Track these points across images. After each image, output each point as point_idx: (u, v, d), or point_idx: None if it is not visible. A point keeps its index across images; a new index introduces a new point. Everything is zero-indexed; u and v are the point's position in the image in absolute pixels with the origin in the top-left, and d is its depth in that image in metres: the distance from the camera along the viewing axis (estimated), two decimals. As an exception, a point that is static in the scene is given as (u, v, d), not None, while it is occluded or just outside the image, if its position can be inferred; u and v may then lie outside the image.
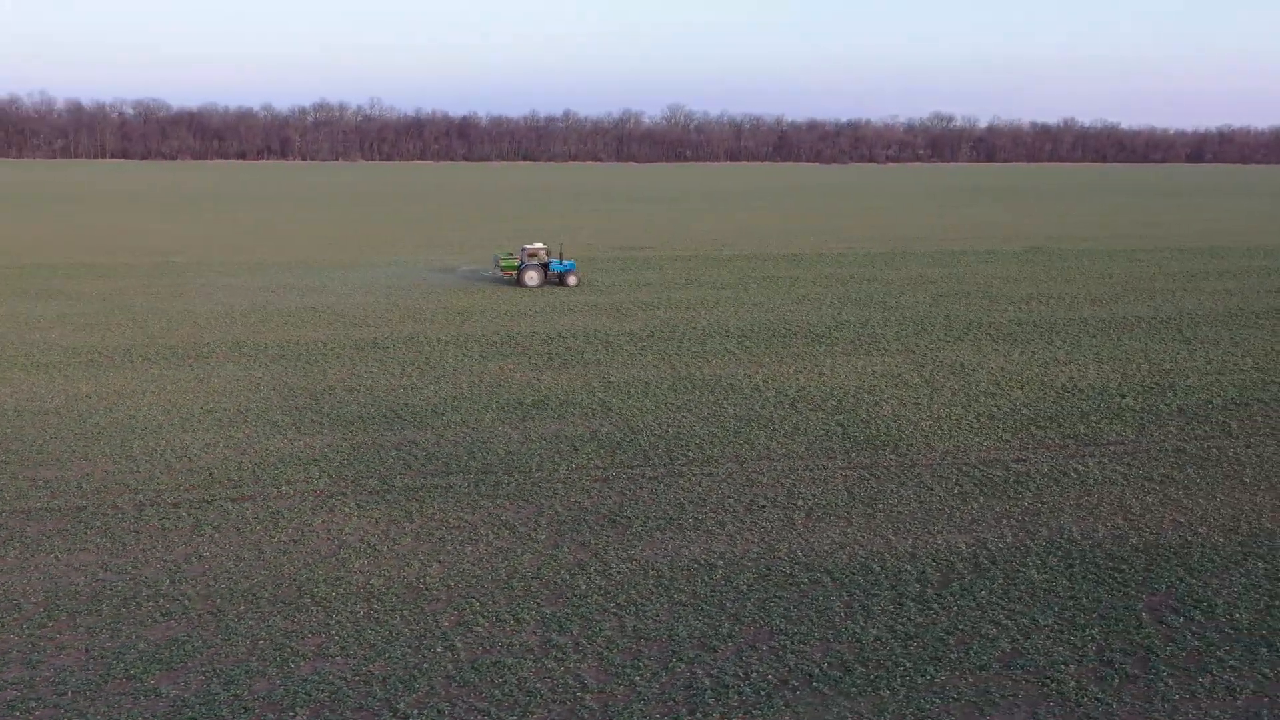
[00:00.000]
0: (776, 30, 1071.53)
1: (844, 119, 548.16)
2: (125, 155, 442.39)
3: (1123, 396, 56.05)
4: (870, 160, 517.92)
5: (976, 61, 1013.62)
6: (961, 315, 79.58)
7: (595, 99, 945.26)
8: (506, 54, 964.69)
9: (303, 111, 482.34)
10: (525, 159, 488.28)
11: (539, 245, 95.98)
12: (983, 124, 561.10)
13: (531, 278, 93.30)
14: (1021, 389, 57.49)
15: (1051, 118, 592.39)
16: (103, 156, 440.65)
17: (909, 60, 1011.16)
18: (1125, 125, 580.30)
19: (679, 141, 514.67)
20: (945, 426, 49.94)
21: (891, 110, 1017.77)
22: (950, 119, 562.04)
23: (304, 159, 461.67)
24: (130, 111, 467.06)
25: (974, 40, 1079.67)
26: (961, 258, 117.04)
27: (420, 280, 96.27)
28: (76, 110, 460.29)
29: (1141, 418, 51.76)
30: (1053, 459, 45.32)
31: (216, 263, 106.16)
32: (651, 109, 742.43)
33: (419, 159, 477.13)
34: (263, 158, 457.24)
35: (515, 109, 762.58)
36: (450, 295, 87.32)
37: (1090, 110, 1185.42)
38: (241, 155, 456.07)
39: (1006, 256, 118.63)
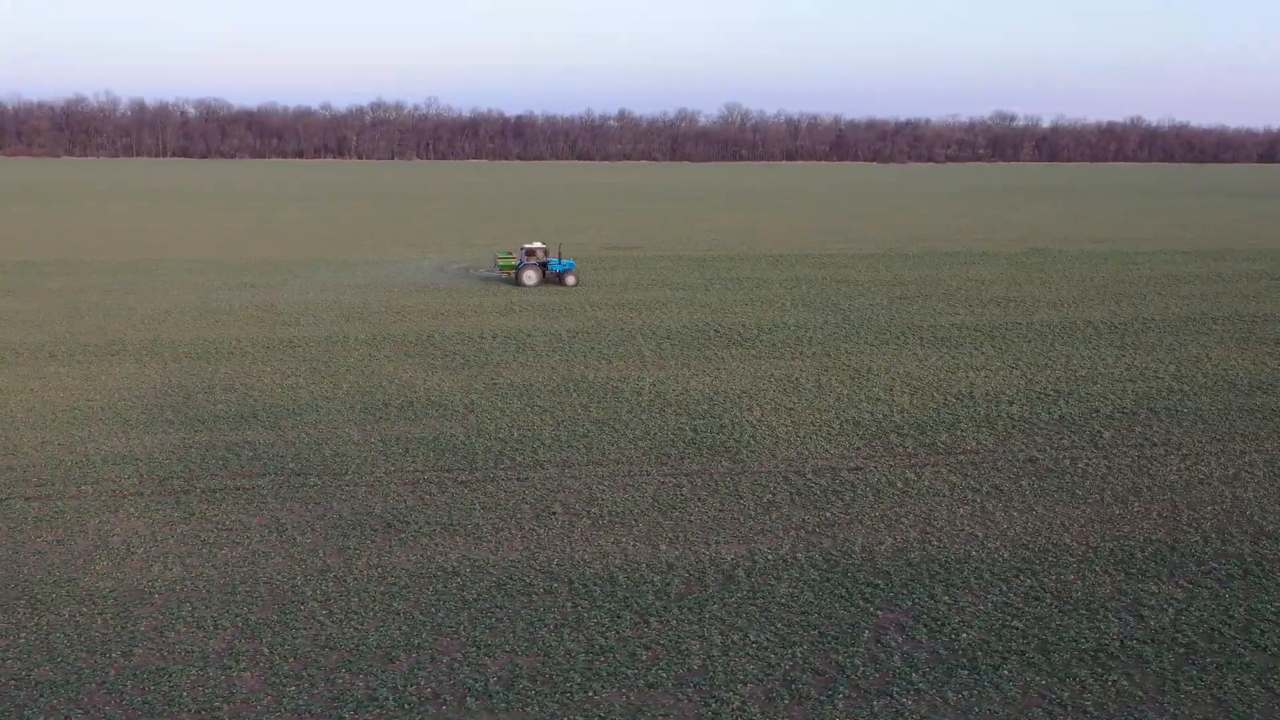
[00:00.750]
0: (836, 29, 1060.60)
1: (903, 118, 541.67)
2: (186, 154, 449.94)
3: (1010, 403, 54.47)
4: (929, 160, 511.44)
5: (1041, 60, 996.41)
6: (908, 319, 78.05)
7: (651, 98, 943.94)
8: (563, 54, 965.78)
9: (360, 111, 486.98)
10: (580, 158, 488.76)
11: (538, 244, 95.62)
12: (1046, 123, 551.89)
13: (529, 277, 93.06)
14: (912, 395, 56.09)
15: (1118, 117, 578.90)
16: (164, 155, 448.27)
17: (971, 59, 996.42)
18: (1195, 124, 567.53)
19: (734, 141, 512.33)
20: (802, 433, 48.83)
21: (953, 109, 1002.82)
22: (1012, 118, 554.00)
23: (360, 158, 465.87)
24: (192, 111, 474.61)
25: (1039, 39, 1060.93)
26: (950, 259, 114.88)
27: (409, 278, 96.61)
28: (140, 110, 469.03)
29: (1014, 426, 50.30)
30: (891, 468, 44.12)
31: (193, 261, 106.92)
32: (708, 108, 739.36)
33: (474, 158, 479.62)
34: (320, 157, 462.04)
35: (571, 108, 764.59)
36: (408, 294, 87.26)
37: (1158, 109, 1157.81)
38: (299, 154, 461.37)
39: (999, 259, 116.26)
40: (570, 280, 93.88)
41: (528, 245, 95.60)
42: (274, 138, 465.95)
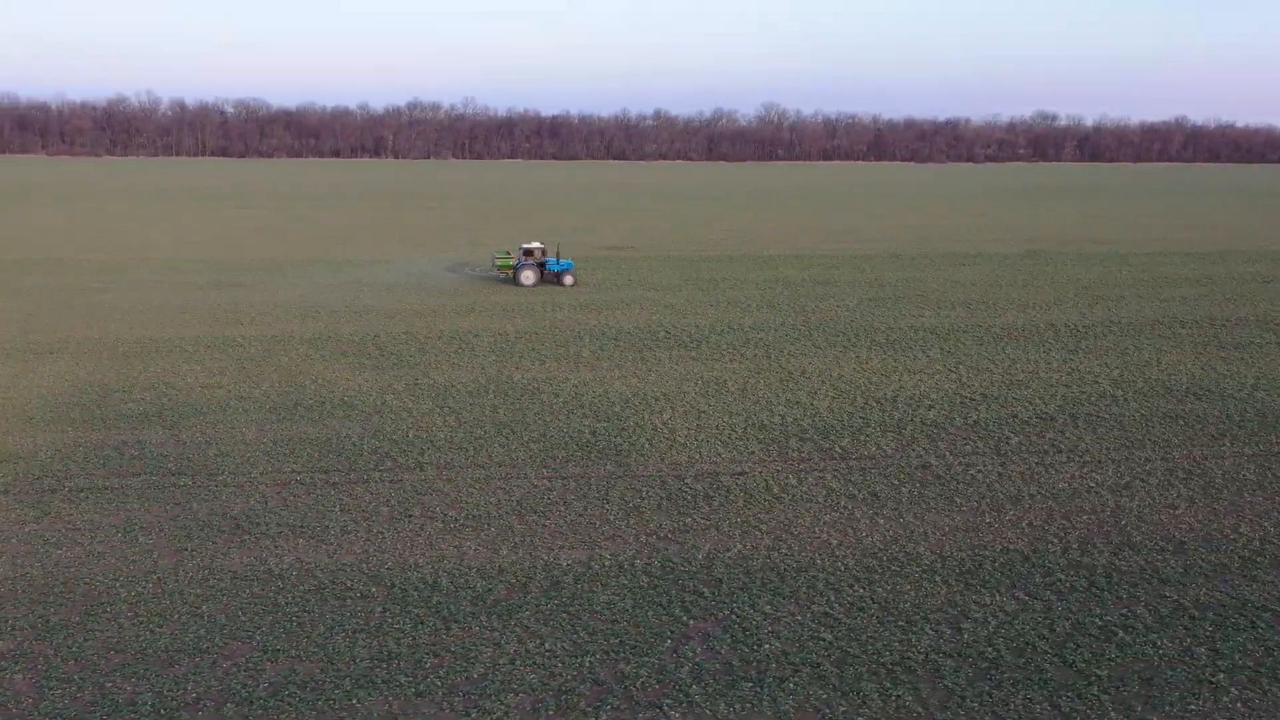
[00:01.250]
0: (875, 29, 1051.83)
1: (942, 118, 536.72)
2: (225, 153, 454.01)
3: (930, 408, 53.62)
4: (968, 160, 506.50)
5: (1084, 59, 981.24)
6: (869, 321, 77.16)
7: (688, 98, 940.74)
8: (600, 53, 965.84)
9: (397, 111, 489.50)
10: (616, 158, 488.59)
11: (536, 244, 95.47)
12: (1089, 122, 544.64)
13: (527, 276, 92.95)
14: (834, 399, 55.32)
15: (1162, 116, 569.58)
16: (203, 154, 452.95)
17: (1013, 58, 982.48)
18: (1241, 124, 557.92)
19: (771, 140, 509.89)
20: (702, 437, 48.26)
21: (994, 109, 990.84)
22: (1054, 117, 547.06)
23: (396, 157, 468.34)
24: (231, 110, 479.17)
25: (1082, 37, 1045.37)
26: (942, 261, 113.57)
27: (399, 278, 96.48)
28: (180, 109, 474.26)
29: (922, 431, 49.51)
30: (775, 473, 43.50)
31: (188, 260, 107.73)
32: (745, 108, 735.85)
33: (509, 158, 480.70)
34: (357, 156, 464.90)
35: (607, 108, 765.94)
36: (383, 294, 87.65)
37: (1203, 109, 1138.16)
38: (336, 153, 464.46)
39: (992, 260, 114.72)
40: (568, 280, 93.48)
41: (526, 245, 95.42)
42: (311, 137, 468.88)
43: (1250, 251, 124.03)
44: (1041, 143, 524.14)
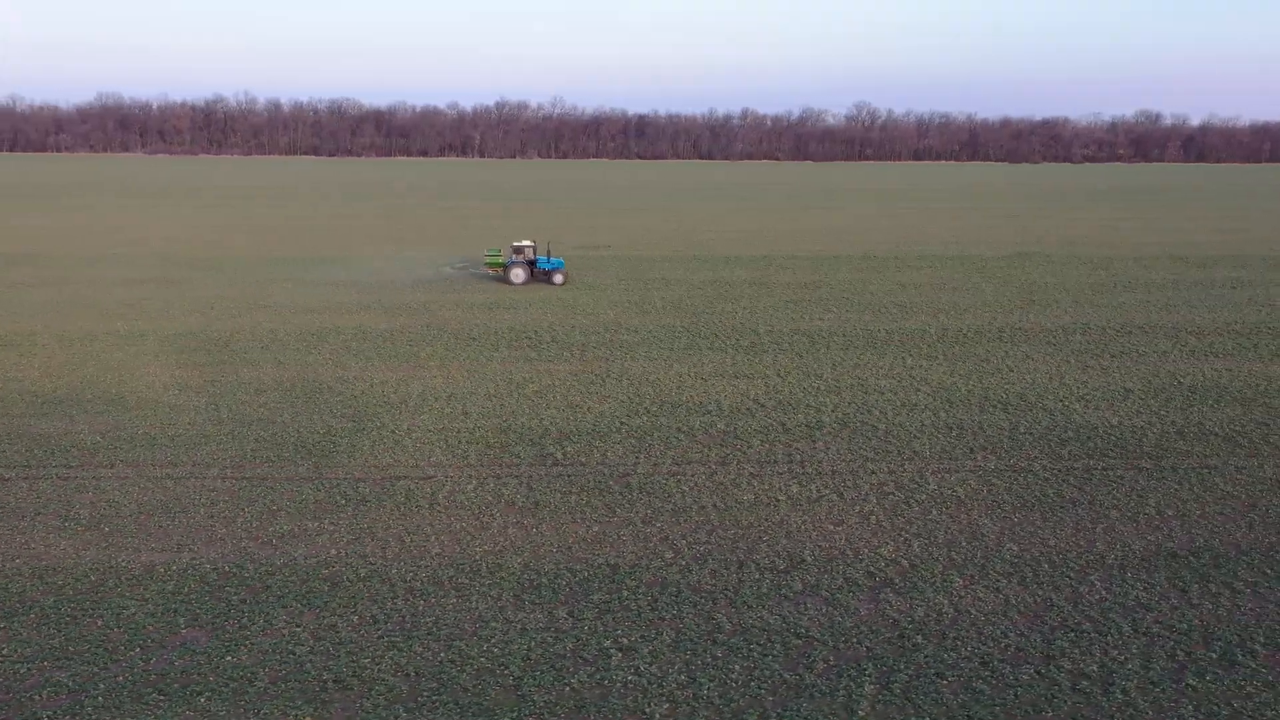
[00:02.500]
0: (973, 26, 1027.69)
1: (1038, 117, 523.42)
2: (316, 152, 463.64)
3: (704, 414, 52.07)
4: (1066, 160, 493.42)
5: (1191, 57, 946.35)
6: (758, 323, 75.50)
7: (778, 97, 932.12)
8: (688, 51, 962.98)
9: (485, 110, 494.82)
10: (703, 157, 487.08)
11: (526, 242, 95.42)
12: (1194, 122, 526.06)
13: (517, 275, 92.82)
14: (618, 403, 54.28)
15: (1277, 116, 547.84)
16: (294, 153, 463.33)
17: (1114, 56, 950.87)
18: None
19: (860, 140, 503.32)
20: (431, 439, 47.64)
21: (1095, 108, 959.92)
22: (1157, 117, 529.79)
23: (483, 156, 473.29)
24: (324, 110, 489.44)
25: (1188, 34, 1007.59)
26: (909, 262, 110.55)
27: (381, 276, 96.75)
28: (275, 109, 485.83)
29: (668, 438, 48.33)
30: (459, 479, 42.63)
31: (189, 257, 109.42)
32: (836, 106, 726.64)
33: (595, 157, 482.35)
34: (444, 155, 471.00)
35: (694, 106, 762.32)
36: (331, 291, 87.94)
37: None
38: (424, 153, 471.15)
39: (964, 262, 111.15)
40: (558, 279, 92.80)
41: (516, 243, 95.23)
42: (401, 137, 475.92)
43: (1260, 256, 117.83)
44: (1144, 143, 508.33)
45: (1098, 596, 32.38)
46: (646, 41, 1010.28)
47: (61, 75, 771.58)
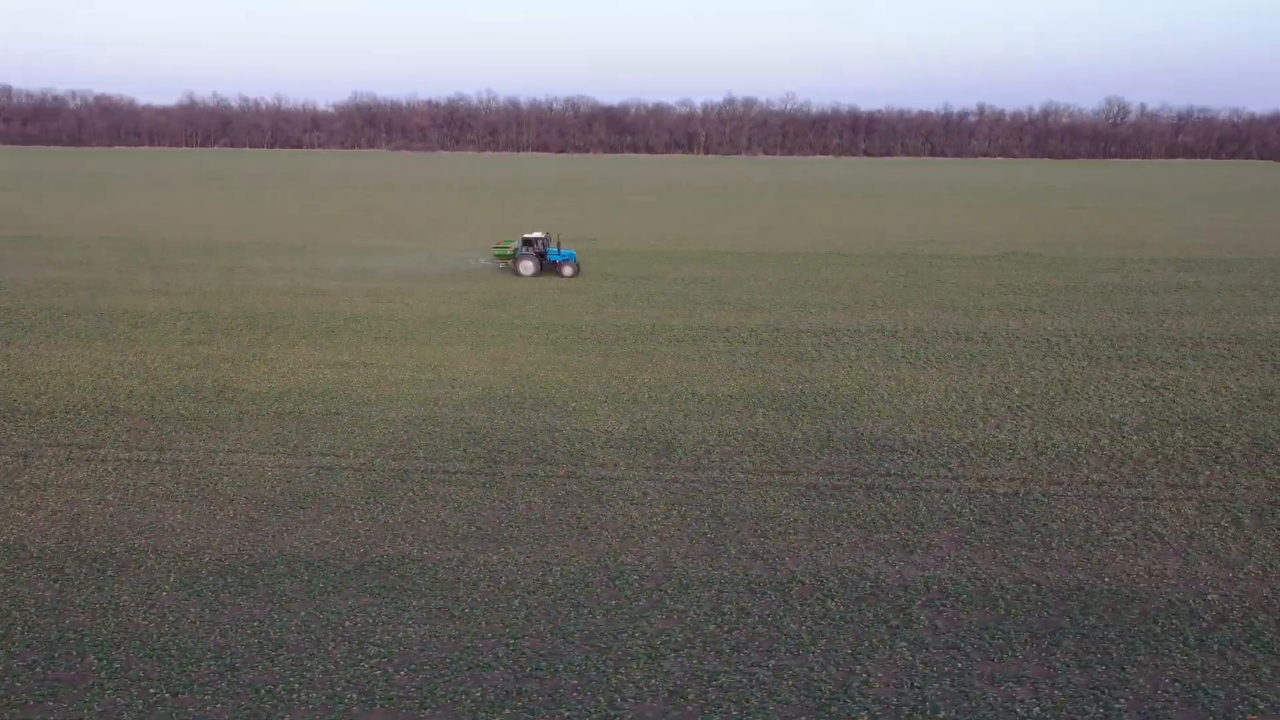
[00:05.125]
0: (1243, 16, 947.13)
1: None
2: (546, 149, 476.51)
3: (469, 406, 51.02)
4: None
5: None
6: (670, 320, 73.02)
7: (1015, 92, 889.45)
8: (922, 45, 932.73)
9: (713, 107, 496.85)
10: (935, 155, 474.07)
11: (537, 234, 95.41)
12: None
13: (526, 266, 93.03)
14: (400, 386, 53.67)
15: None
16: (525, 150, 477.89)
17: None
18: None
19: (1106, 136, 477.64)
20: (135, 412, 48.42)
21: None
22: None
23: (707, 153, 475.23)
24: (559, 108, 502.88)
25: None
26: (885, 260, 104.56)
27: (403, 266, 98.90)
28: (513, 107, 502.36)
29: (389, 433, 47.30)
30: (74, 456, 43.09)
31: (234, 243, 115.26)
32: (1085, 101, 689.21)
33: (822, 154, 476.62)
34: (670, 152, 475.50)
35: (928, 102, 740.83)
36: (321, 278, 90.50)
37: None
38: (650, 149, 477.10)
39: (944, 260, 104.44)
40: (567, 271, 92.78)
41: (527, 235, 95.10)
42: (628, 133, 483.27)
43: (1230, 260, 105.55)
44: None
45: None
46: (880, 38, 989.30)
47: (320, 77, 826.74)
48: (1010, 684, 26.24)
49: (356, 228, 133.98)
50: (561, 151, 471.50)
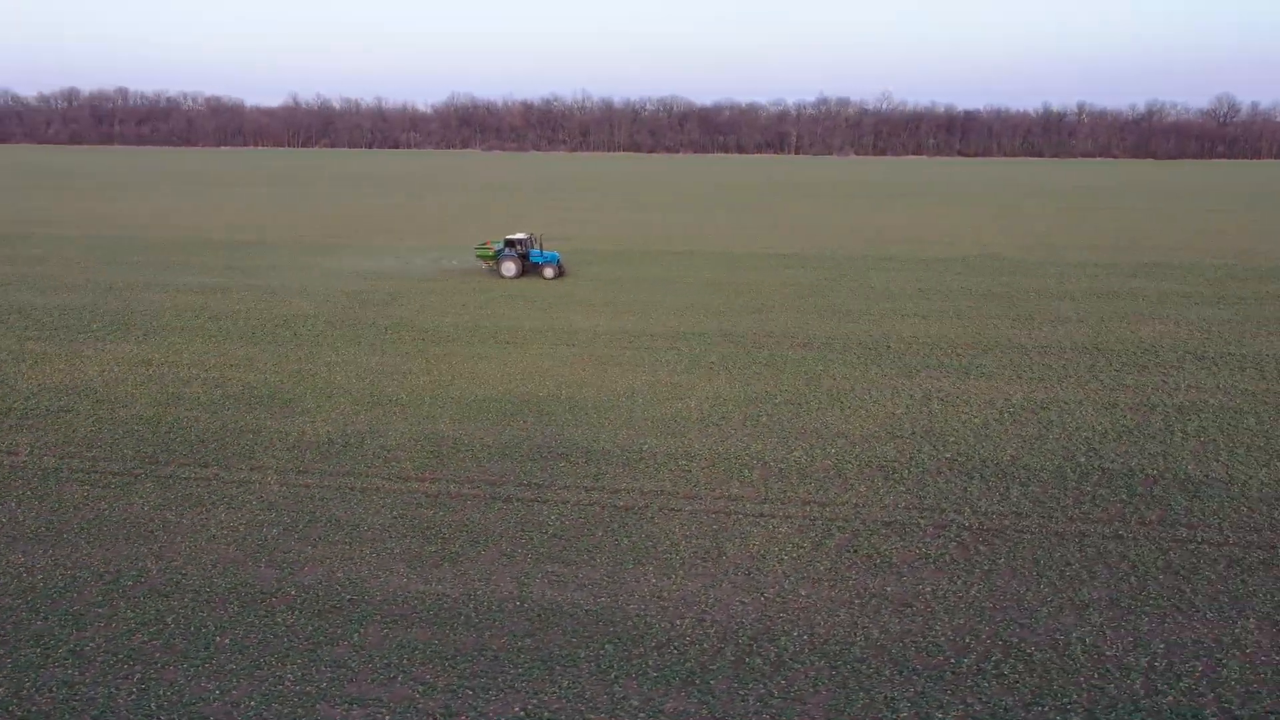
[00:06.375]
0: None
1: None
2: (637, 149, 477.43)
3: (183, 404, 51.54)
4: None
5: None
6: (522, 322, 72.75)
7: (1117, 91, 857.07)
8: (1021, 43, 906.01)
9: (804, 106, 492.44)
10: (1032, 155, 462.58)
11: (520, 235, 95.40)
12: None
13: (508, 268, 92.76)
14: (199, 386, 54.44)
15: None
16: (616, 150, 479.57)
17: None
18: None
19: (1213, 136, 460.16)
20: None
21: None
22: None
23: (798, 153, 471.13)
24: (652, 108, 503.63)
25: None
26: (832, 263, 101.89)
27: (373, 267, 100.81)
28: (606, 107, 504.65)
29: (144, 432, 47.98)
30: None
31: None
32: (1195, 100, 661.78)
33: (915, 154, 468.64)
34: (760, 152, 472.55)
35: (1024, 102, 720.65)
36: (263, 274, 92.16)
37: None
38: (740, 149, 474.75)
39: (880, 261, 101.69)
40: (548, 273, 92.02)
41: (510, 236, 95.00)
42: (719, 134, 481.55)
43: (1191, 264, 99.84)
44: None
45: None
46: (976, 36, 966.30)
47: (420, 78, 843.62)
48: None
49: (363, 226, 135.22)
50: (652, 151, 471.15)
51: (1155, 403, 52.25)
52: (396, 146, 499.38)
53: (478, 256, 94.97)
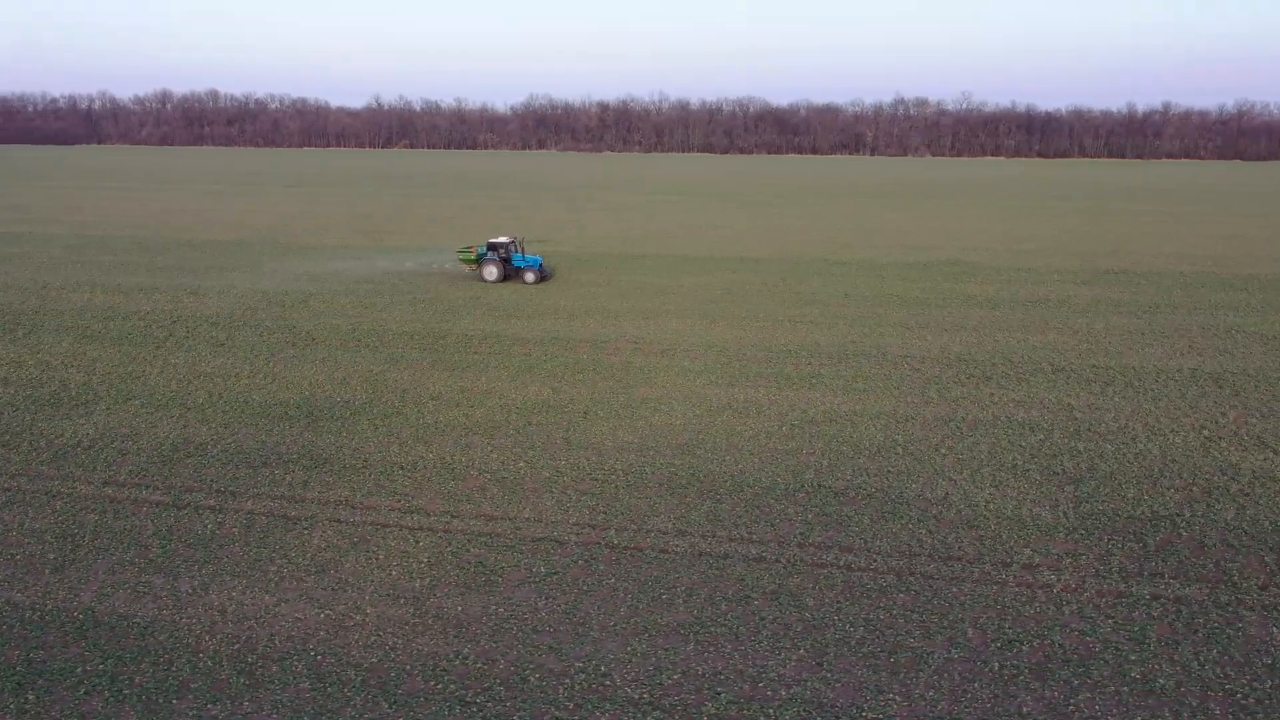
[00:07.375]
0: None
1: None
2: (710, 149, 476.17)
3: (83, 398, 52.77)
4: None
5: None
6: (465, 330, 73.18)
7: (1204, 90, 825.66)
8: (1101, 39, 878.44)
9: (880, 107, 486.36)
10: (1114, 156, 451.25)
11: (502, 238, 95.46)
12: None
13: (490, 271, 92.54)
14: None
15: None
16: (690, 150, 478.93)
17: None
18: None
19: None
20: None
21: None
22: None
23: (873, 154, 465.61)
24: (728, 109, 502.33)
25: None
26: (804, 265, 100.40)
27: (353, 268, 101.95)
28: (683, 109, 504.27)
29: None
30: None
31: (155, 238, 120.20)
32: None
33: (993, 155, 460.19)
34: (835, 153, 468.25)
35: (1106, 102, 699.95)
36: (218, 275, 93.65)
37: None
38: (814, 150, 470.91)
39: (862, 266, 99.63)
40: (529, 277, 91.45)
41: (492, 240, 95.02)
42: (795, 134, 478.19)
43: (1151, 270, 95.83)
44: None
45: None
46: (1054, 32, 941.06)
47: (500, 80, 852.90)
48: None
49: (364, 227, 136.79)
50: (726, 152, 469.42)
51: (949, 417, 50.57)
52: (474, 147, 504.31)
53: (460, 260, 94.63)
